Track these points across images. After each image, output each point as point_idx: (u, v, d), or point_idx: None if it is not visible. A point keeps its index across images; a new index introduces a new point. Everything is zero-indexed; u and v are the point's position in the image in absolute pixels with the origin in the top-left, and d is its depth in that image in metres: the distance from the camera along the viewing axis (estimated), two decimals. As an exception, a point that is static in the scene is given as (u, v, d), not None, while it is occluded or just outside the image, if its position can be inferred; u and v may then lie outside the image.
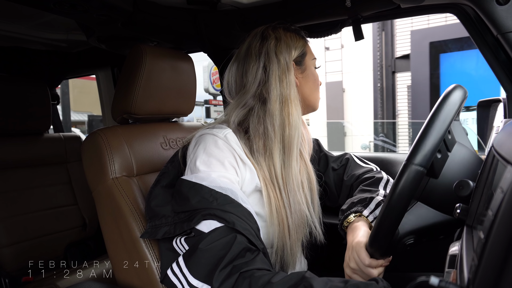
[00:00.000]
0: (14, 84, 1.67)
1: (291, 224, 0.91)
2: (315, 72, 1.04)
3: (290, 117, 0.91)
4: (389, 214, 0.73)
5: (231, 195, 0.79)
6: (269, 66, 0.94)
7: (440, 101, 0.75)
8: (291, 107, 0.92)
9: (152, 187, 0.93)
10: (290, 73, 0.95)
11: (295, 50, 0.97)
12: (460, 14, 1.08)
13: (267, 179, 0.91)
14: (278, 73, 0.93)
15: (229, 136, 0.88)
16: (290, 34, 0.99)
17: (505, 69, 1.03)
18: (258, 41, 0.97)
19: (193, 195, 0.78)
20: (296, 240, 0.93)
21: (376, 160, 1.41)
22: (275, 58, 0.94)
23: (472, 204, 0.63)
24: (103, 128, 1.09)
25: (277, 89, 0.92)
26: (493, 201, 0.44)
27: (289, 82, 0.94)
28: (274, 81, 0.92)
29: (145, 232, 0.88)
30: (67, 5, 1.09)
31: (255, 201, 0.91)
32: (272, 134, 0.90)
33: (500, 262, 0.34)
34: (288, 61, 0.95)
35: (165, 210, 0.86)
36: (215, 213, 0.75)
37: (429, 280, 0.44)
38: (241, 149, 0.89)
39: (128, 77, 1.12)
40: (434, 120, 0.72)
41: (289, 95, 0.93)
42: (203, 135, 0.89)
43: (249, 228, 0.76)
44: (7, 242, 1.58)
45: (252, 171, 0.89)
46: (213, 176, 0.81)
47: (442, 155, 0.78)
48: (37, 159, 1.76)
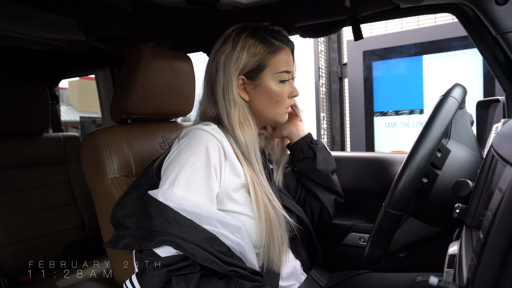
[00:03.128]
0: (13, 84, 1.67)
1: (276, 223, 0.91)
2: (273, 87, 0.95)
3: (236, 137, 0.91)
4: (373, 252, 0.79)
5: (196, 220, 0.77)
6: (216, 74, 0.93)
7: (416, 141, 0.75)
8: (236, 127, 0.91)
9: (121, 198, 0.92)
10: (232, 89, 0.91)
11: (248, 63, 0.92)
12: (459, 14, 1.08)
13: (254, 178, 0.90)
14: (221, 85, 0.92)
15: (216, 130, 0.88)
16: (253, 42, 0.92)
17: (504, 69, 1.03)
18: (219, 44, 0.95)
19: (157, 216, 0.77)
20: (282, 238, 0.92)
21: (376, 160, 1.41)
22: (222, 69, 0.92)
23: (471, 204, 0.63)
24: (102, 128, 1.09)
25: (222, 104, 0.92)
26: (492, 201, 0.44)
27: (231, 100, 0.91)
28: (219, 93, 0.92)
29: (108, 241, 0.86)
30: (66, 4, 1.09)
31: (242, 198, 0.90)
32: (235, 144, 0.91)
33: (499, 262, 0.34)
34: (232, 74, 0.91)
35: (130, 222, 0.85)
36: (175, 241, 0.74)
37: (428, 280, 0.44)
38: (228, 144, 0.89)
39: (127, 77, 1.12)
40: (408, 164, 0.74)
41: (233, 114, 0.91)
42: (188, 131, 0.88)
43: (211, 258, 0.75)
44: (6, 242, 1.58)
45: (233, 166, 0.88)
46: (180, 193, 0.79)
47: (429, 179, 0.79)
48: (36, 159, 1.76)
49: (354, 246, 1.35)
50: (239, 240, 0.81)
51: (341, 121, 3.53)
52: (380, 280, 1.07)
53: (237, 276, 0.78)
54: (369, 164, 1.41)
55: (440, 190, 0.80)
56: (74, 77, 2.51)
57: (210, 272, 0.80)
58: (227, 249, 0.79)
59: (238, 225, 0.83)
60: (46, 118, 1.77)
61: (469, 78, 2.82)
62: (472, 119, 0.92)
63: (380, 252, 0.80)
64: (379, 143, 3.26)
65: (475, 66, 2.81)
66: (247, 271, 0.80)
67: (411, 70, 3.06)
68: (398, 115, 3.15)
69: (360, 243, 1.34)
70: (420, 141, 0.74)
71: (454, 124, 0.86)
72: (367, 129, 3.26)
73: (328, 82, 3.50)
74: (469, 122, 0.89)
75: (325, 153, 1.17)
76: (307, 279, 1.08)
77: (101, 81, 2.17)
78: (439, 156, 0.80)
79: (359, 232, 1.34)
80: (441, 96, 0.81)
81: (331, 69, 3.48)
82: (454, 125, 0.86)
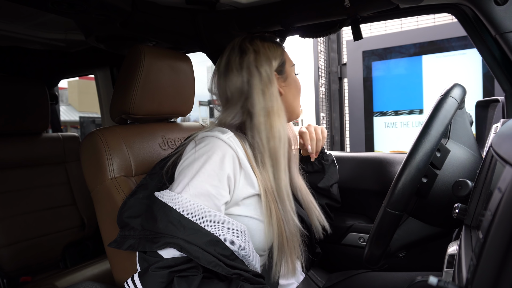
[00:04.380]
0: (13, 83, 1.67)
1: (288, 234, 0.91)
2: (296, 78, 1.05)
3: (273, 129, 0.92)
4: (373, 252, 0.79)
5: (200, 223, 0.77)
6: (251, 80, 0.94)
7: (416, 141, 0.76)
8: (274, 119, 0.92)
9: (128, 198, 0.92)
10: (273, 85, 0.95)
11: (275, 61, 0.97)
12: (459, 14, 1.08)
13: (268, 188, 0.91)
14: (260, 86, 0.93)
15: (232, 138, 0.88)
16: (268, 44, 0.99)
17: (503, 69, 1.03)
18: (238, 55, 0.96)
19: (161, 217, 0.77)
20: (294, 248, 0.93)
21: (376, 160, 1.41)
22: (256, 71, 0.94)
23: (471, 204, 0.63)
24: (102, 128, 1.08)
25: (260, 102, 0.92)
26: (492, 201, 0.44)
27: (271, 95, 0.94)
28: (257, 95, 0.93)
29: (113, 241, 0.87)
30: (65, 4, 1.09)
31: (253, 205, 0.90)
32: (262, 147, 0.91)
33: (498, 262, 0.34)
34: (269, 73, 0.95)
35: (135, 222, 0.85)
36: (179, 243, 0.74)
37: (427, 280, 0.44)
38: (243, 152, 0.89)
39: (126, 77, 1.12)
40: (408, 164, 0.74)
41: (272, 107, 0.93)
42: (205, 137, 0.88)
43: (215, 260, 0.75)
44: (5, 242, 1.58)
45: (248, 176, 0.89)
46: (186, 197, 0.79)
47: (429, 179, 0.79)
48: (36, 159, 1.76)
49: (353, 246, 1.35)
50: (243, 244, 0.82)
51: (340, 121, 3.54)
52: (379, 280, 1.07)
53: (240, 279, 0.79)
54: (369, 164, 1.41)
55: (440, 190, 0.80)
56: (74, 77, 2.51)
57: (211, 274, 0.80)
58: (230, 253, 0.79)
59: (243, 229, 0.83)
60: (46, 118, 1.77)
61: (468, 78, 2.83)
62: (472, 119, 0.92)
63: (379, 252, 0.80)
64: (378, 143, 3.26)
65: (475, 66, 2.81)
66: (250, 274, 0.80)
67: (411, 70, 3.07)
68: (397, 115, 3.16)
69: (359, 243, 1.34)
70: (419, 141, 0.74)
71: (453, 124, 0.86)
72: (367, 129, 3.27)
73: (327, 82, 3.51)
74: (468, 122, 0.89)
75: (332, 168, 1.24)
76: (305, 279, 1.08)
77: (100, 81, 2.17)
78: (438, 156, 0.80)
79: (358, 232, 1.34)
80: (440, 96, 0.81)
81: (330, 69, 3.49)
82: (454, 125, 0.86)
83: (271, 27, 1.25)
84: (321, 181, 1.21)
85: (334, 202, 1.25)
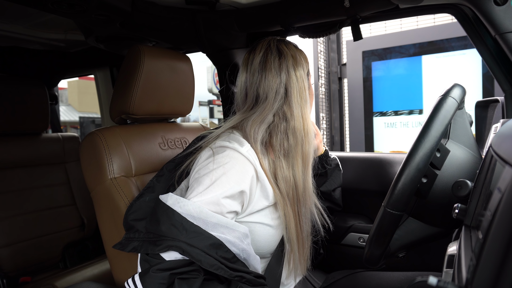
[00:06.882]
0: (12, 84, 1.67)
1: (305, 235, 0.93)
2: (311, 86, 1.07)
3: (308, 135, 0.94)
4: (373, 252, 0.80)
5: (203, 226, 0.77)
6: (290, 84, 0.94)
7: (415, 142, 0.76)
8: (309, 124, 0.95)
9: (134, 200, 0.93)
10: (307, 90, 0.97)
11: (306, 67, 1.00)
12: (458, 15, 1.08)
13: (284, 194, 0.91)
14: (299, 91, 0.95)
15: (250, 151, 0.88)
16: (300, 51, 1.00)
17: (503, 69, 1.03)
18: (276, 56, 0.96)
19: (164, 220, 0.78)
20: (307, 248, 0.96)
21: (375, 160, 1.41)
22: (295, 75, 0.95)
23: (471, 204, 0.63)
24: (101, 129, 1.08)
25: (299, 107, 0.94)
26: (491, 201, 0.45)
27: (306, 100, 0.96)
28: (295, 98, 0.94)
29: (118, 242, 0.87)
30: (65, 5, 1.09)
31: (266, 213, 0.91)
32: (294, 151, 0.92)
33: (498, 262, 0.34)
34: (304, 78, 0.97)
35: (140, 225, 0.86)
36: (181, 246, 0.75)
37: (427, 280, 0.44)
38: (259, 165, 0.89)
39: (126, 78, 1.12)
40: (408, 164, 0.74)
41: (307, 113, 0.96)
42: (223, 147, 0.87)
43: (217, 263, 0.76)
44: (5, 243, 1.58)
45: (264, 188, 0.89)
46: (189, 201, 0.79)
47: (428, 179, 0.79)
48: (35, 159, 1.76)
49: (353, 246, 1.35)
50: (245, 247, 0.82)
51: (340, 121, 3.55)
52: (377, 279, 1.07)
53: (242, 281, 0.79)
54: (369, 164, 1.41)
55: (439, 190, 0.80)
56: (74, 77, 2.51)
57: (212, 276, 0.80)
58: (232, 256, 0.79)
59: (245, 231, 0.83)
60: (46, 118, 1.77)
61: (468, 78, 2.83)
62: (471, 119, 0.92)
63: (379, 252, 0.80)
64: (378, 143, 3.26)
65: (474, 66, 2.81)
66: (251, 275, 0.80)
67: (410, 70, 3.07)
68: (397, 115, 3.17)
69: (359, 243, 1.34)
70: (419, 141, 0.74)
71: (453, 124, 0.86)
72: (367, 129, 3.27)
73: (327, 82, 3.52)
74: (468, 122, 0.89)
75: (336, 173, 1.24)
76: (303, 280, 1.08)
77: (100, 81, 2.17)
78: (438, 156, 0.80)
79: (358, 232, 1.34)
80: (440, 96, 0.81)
81: (330, 69, 3.49)
82: (453, 125, 0.86)
83: (271, 27, 1.25)
84: (323, 185, 1.21)
85: (335, 205, 1.26)
